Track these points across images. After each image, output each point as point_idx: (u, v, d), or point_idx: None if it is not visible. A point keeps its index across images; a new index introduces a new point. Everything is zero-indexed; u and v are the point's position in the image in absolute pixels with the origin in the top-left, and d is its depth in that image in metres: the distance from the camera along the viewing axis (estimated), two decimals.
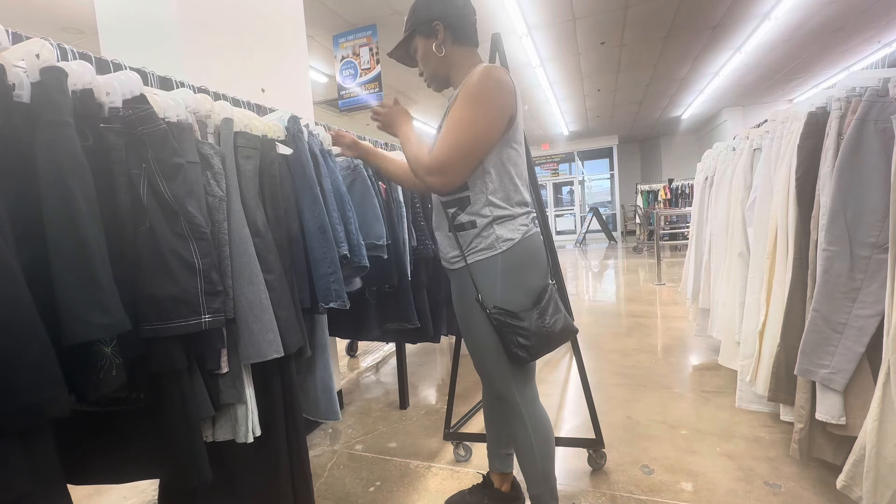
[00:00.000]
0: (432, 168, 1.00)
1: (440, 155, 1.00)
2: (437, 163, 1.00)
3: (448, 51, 1.10)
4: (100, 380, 0.76)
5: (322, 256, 1.25)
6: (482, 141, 1.00)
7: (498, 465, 1.40)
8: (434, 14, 1.08)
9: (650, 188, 10.23)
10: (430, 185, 1.02)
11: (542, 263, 1.12)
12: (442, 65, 1.12)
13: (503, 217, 1.06)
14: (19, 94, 0.74)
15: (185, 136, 0.97)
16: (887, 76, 1.21)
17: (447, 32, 1.09)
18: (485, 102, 0.99)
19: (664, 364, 2.65)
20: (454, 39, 1.10)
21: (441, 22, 1.08)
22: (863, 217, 1.21)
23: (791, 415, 1.49)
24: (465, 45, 1.12)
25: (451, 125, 1.00)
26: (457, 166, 1.00)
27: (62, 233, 0.70)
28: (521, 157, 1.10)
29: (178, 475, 0.93)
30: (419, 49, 1.14)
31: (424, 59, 1.14)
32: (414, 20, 1.12)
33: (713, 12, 4.96)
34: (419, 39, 1.13)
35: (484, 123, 0.99)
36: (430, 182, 1.02)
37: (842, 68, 7.32)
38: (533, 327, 1.04)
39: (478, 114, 0.98)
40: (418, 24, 1.11)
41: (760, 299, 1.71)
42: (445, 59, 1.11)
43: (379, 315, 1.94)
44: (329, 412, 1.39)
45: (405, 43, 1.17)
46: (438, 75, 1.15)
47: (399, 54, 1.21)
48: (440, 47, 1.10)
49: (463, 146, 0.99)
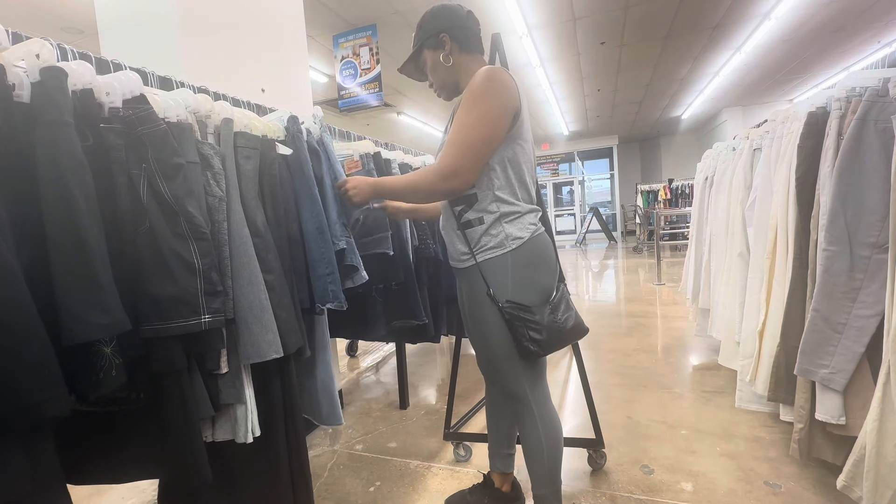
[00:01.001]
0: (447, 174, 1.03)
1: (452, 158, 1.02)
2: (450, 167, 1.02)
3: (455, 60, 1.16)
4: (100, 380, 0.76)
5: (320, 257, 1.25)
6: (489, 139, 1.03)
7: (499, 465, 1.40)
8: (440, 27, 1.14)
9: (650, 188, 10.23)
10: (450, 189, 1.05)
11: (551, 262, 1.13)
12: (450, 74, 1.17)
13: (511, 214, 1.08)
14: (19, 94, 0.74)
15: (185, 136, 0.97)
16: (887, 76, 1.21)
17: (453, 43, 1.15)
18: (487, 101, 1.01)
19: (664, 364, 2.65)
20: (460, 49, 1.16)
21: (447, 33, 1.14)
22: (863, 217, 1.21)
23: (791, 415, 1.49)
24: (471, 53, 1.17)
25: (457, 128, 1.03)
26: (469, 166, 1.03)
27: (62, 233, 0.70)
28: (528, 155, 1.12)
29: (177, 475, 0.93)
30: (428, 61, 1.19)
31: (434, 71, 1.20)
32: (421, 35, 1.18)
33: (713, 12, 4.96)
34: (427, 52, 1.18)
35: (488, 122, 1.01)
36: (449, 187, 1.04)
37: (842, 68, 7.32)
38: (545, 322, 1.06)
39: (482, 113, 1.01)
40: (426, 38, 1.17)
41: (760, 299, 1.71)
42: (453, 68, 1.16)
43: (386, 313, 1.94)
44: (332, 417, 1.37)
45: (414, 57, 1.22)
46: (448, 84, 1.20)
47: (409, 70, 1.26)
48: (447, 57, 1.16)
49: (472, 146, 1.02)
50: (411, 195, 1.14)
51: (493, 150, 1.05)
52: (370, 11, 4.46)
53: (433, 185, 1.05)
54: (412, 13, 4.56)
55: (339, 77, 4.92)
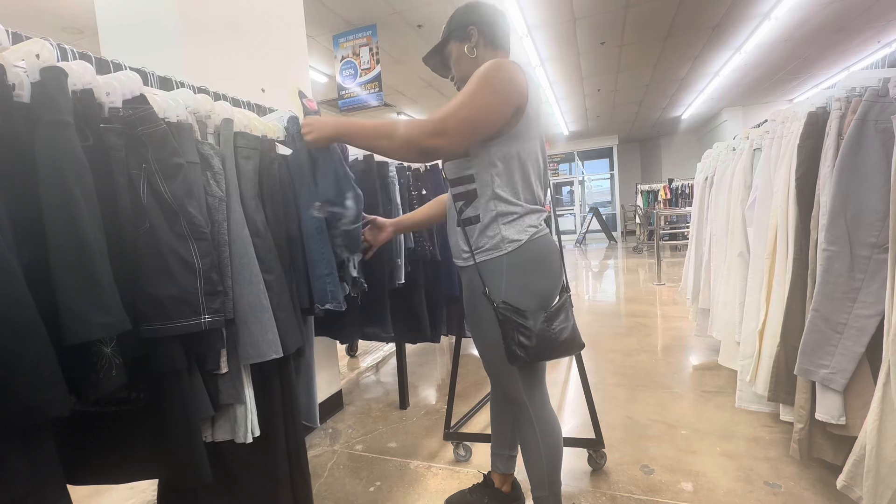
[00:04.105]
0: (436, 130, 0.98)
1: (445, 116, 0.98)
2: (441, 125, 0.98)
3: (480, 53, 1.15)
4: (100, 380, 0.76)
5: (319, 257, 1.25)
6: (483, 113, 0.99)
7: (500, 466, 1.40)
8: (470, 20, 1.14)
9: (650, 188, 10.23)
10: (430, 147, 1.00)
11: (551, 266, 1.10)
12: (473, 66, 1.13)
13: (508, 214, 1.06)
14: (19, 94, 0.74)
15: (185, 137, 0.97)
16: (887, 76, 1.21)
17: (480, 37, 1.14)
18: (487, 83, 0.99)
19: (664, 364, 2.65)
20: (486, 43, 1.15)
21: (476, 26, 1.14)
22: (863, 217, 1.21)
23: (791, 415, 1.49)
24: (496, 49, 1.16)
25: (456, 97, 1.00)
26: (458, 130, 0.98)
27: (62, 233, 0.70)
28: (534, 154, 1.09)
29: (177, 475, 0.93)
30: (453, 52, 1.18)
31: (457, 62, 1.18)
32: (451, 26, 1.17)
33: (713, 12, 4.96)
34: (454, 44, 1.17)
35: (485, 100, 0.99)
36: (431, 144, 0.99)
37: (842, 68, 7.32)
38: (537, 329, 1.03)
39: (479, 89, 0.98)
40: (454, 30, 1.16)
41: (760, 299, 1.71)
42: (476, 60, 1.14)
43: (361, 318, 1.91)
44: (308, 416, 1.35)
45: (440, 48, 1.21)
46: (469, 76, 1.16)
47: (434, 62, 1.25)
48: (472, 49, 1.14)
49: (464, 111, 0.98)
50: (380, 141, 1.05)
51: (487, 128, 1.01)
52: (370, 11, 4.46)
53: (413, 137, 1.00)
54: (412, 13, 4.56)
55: (339, 77, 4.92)
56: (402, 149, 1.03)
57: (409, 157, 1.07)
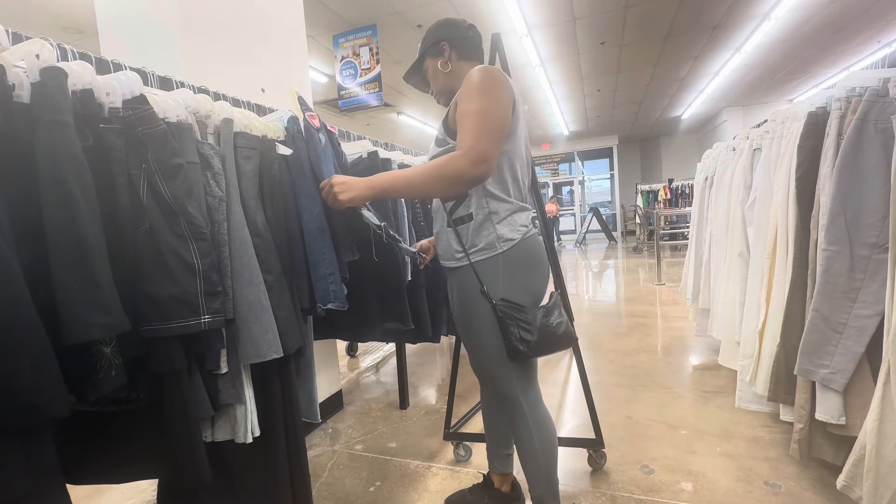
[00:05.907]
0: (479, 157, 0.96)
1: (479, 141, 0.97)
2: (482, 151, 0.96)
3: (454, 67, 1.19)
4: (99, 380, 0.76)
5: (321, 257, 1.25)
6: (499, 121, 1.01)
7: (498, 466, 1.40)
8: (441, 35, 1.19)
9: (650, 188, 10.23)
10: (479, 175, 0.98)
11: (543, 265, 1.14)
12: (449, 80, 1.19)
13: (500, 212, 1.08)
14: (19, 94, 0.74)
15: (185, 137, 0.97)
16: (887, 76, 1.21)
17: (452, 51, 1.18)
18: (491, 91, 1.01)
19: (664, 364, 2.65)
20: (459, 56, 1.19)
21: (447, 41, 1.18)
22: (863, 217, 1.21)
23: (791, 415, 1.49)
24: (470, 61, 1.19)
25: (467, 118, 0.99)
26: (493, 147, 0.99)
27: (62, 233, 0.70)
28: (521, 152, 1.12)
29: (177, 475, 0.93)
30: (429, 69, 1.22)
31: (434, 77, 1.22)
32: (425, 45, 1.21)
33: (713, 12, 4.96)
34: (429, 60, 1.21)
35: (493, 106, 1.00)
36: (479, 173, 0.97)
37: (842, 68, 7.32)
38: (538, 323, 1.06)
39: (490, 101, 1.00)
40: (428, 47, 1.20)
41: (760, 299, 1.71)
42: (451, 74, 1.18)
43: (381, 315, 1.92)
44: (309, 412, 1.37)
45: (418, 65, 1.25)
46: (446, 90, 1.21)
47: (414, 80, 1.30)
48: (446, 63, 1.19)
49: (491, 131, 0.99)
50: (429, 186, 1.01)
51: (506, 134, 1.04)
52: (370, 11, 4.47)
53: (462, 171, 0.96)
54: (411, 13, 4.56)
55: (339, 77, 4.92)
56: (454, 187, 1.01)
57: (459, 191, 1.06)
